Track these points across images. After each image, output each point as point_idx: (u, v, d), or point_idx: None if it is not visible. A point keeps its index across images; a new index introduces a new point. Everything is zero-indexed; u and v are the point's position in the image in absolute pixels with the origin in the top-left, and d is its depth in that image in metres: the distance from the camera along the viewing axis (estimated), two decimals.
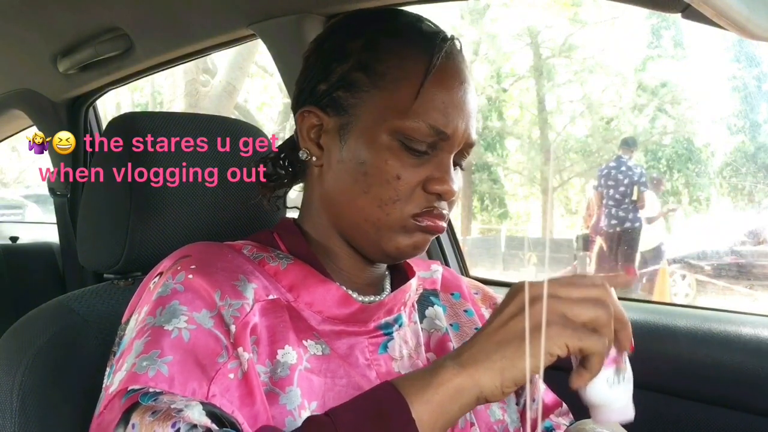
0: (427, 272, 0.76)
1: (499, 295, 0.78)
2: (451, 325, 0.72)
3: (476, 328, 0.73)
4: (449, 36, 0.63)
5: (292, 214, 0.73)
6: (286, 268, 0.62)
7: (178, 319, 0.54)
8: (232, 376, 0.53)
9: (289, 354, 0.57)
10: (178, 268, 0.58)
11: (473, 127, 0.62)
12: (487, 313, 0.75)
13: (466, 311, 0.74)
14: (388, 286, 0.69)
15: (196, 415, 0.48)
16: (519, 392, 0.70)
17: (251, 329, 0.56)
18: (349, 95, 0.61)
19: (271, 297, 0.60)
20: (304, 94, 0.65)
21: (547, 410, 0.76)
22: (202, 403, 0.49)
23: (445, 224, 0.63)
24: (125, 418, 0.49)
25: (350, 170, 0.61)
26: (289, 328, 0.58)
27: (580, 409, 0.58)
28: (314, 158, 0.64)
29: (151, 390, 0.50)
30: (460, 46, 0.64)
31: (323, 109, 0.63)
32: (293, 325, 0.59)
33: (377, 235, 0.61)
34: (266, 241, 0.66)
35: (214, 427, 0.48)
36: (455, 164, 0.63)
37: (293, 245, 0.65)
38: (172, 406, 0.48)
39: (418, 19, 0.64)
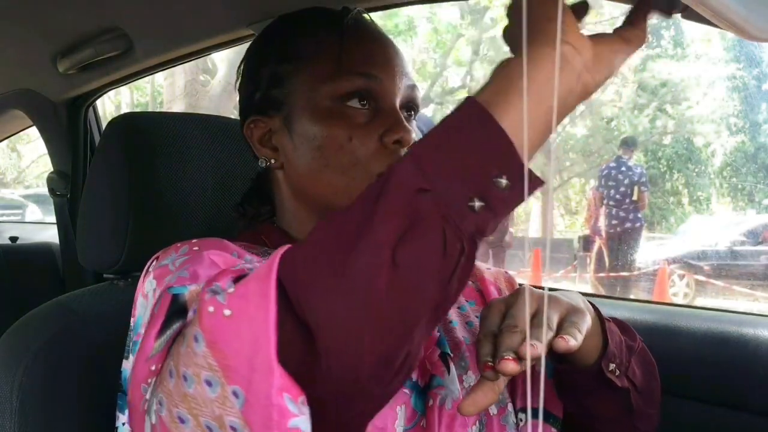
0: None
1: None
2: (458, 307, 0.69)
3: (477, 316, 0.69)
4: (353, 8, 0.65)
5: None
6: None
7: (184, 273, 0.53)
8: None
9: None
10: (178, 245, 0.56)
11: (407, 74, 0.64)
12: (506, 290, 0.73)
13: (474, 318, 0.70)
14: None
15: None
16: (517, 403, 0.66)
17: None
18: (281, 89, 0.63)
19: None
20: (245, 108, 0.67)
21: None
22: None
23: None
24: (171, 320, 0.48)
25: (306, 151, 0.61)
26: None
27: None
28: (273, 161, 0.65)
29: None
30: (370, 18, 0.67)
31: (265, 114, 0.65)
32: None
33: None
34: (253, 239, 0.65)
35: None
36: (407, 118, 0.63)
37: (278, 243, 0.63)
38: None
39: (321, 7, 0.67)
